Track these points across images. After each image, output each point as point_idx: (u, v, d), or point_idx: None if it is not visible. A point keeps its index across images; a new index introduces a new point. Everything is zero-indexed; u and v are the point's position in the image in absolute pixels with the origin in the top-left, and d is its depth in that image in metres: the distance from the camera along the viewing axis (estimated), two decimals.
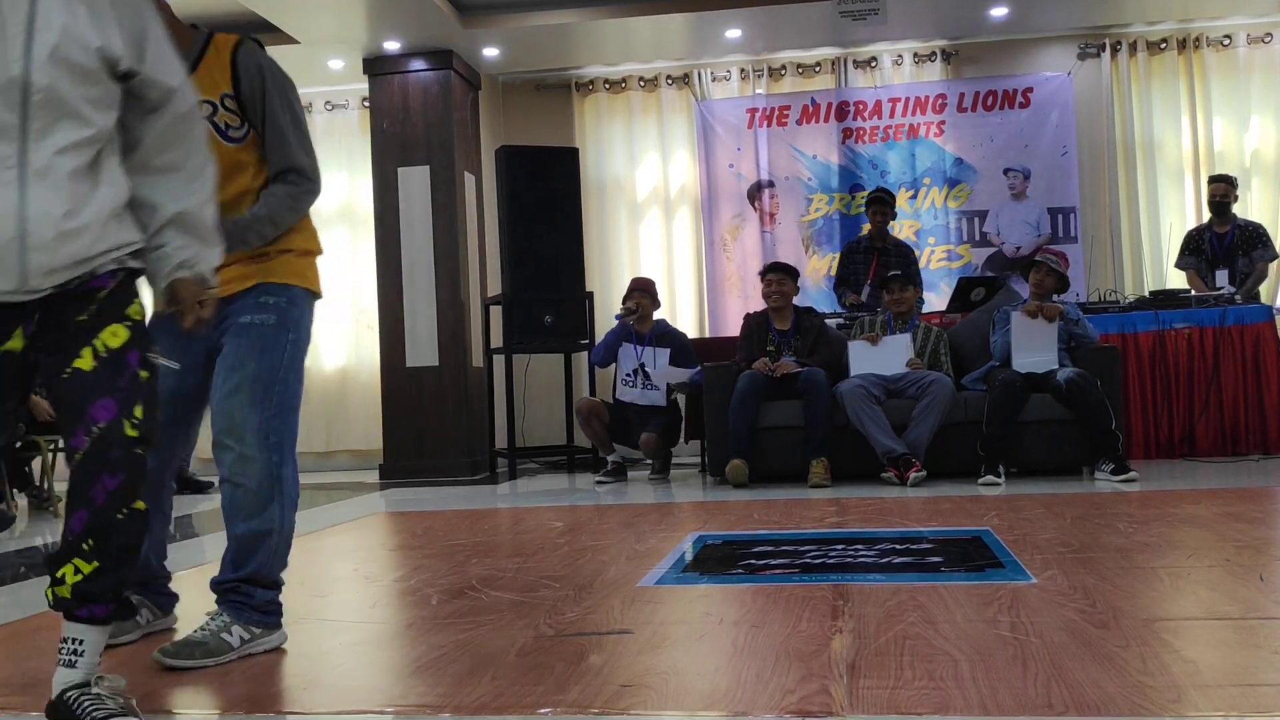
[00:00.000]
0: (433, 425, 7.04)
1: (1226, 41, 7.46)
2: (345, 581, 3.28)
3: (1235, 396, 5.92)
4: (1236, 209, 6.80)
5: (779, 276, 5.86)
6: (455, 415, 7.06)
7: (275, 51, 7.81)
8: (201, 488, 6.60)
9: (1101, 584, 2.59)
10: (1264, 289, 6.83)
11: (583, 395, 6.39)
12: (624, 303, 6.36)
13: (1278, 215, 7.33)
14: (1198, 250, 6.59)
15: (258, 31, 6.73)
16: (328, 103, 8.10)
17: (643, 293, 6.33)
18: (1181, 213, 7.43)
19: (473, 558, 3.43)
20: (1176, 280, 7.18)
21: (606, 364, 6.35)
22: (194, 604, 2.56)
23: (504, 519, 4.72)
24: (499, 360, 7.02)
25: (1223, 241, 6.51)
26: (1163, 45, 7.52)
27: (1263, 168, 7.40)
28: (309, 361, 8.63)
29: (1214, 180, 6.59)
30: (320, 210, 8.60)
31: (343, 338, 8.07)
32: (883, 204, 6.56)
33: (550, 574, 3.06)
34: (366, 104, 7.63)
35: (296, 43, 6.87)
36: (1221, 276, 6.38)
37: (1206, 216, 7.44)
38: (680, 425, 6.34)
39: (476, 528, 4.28)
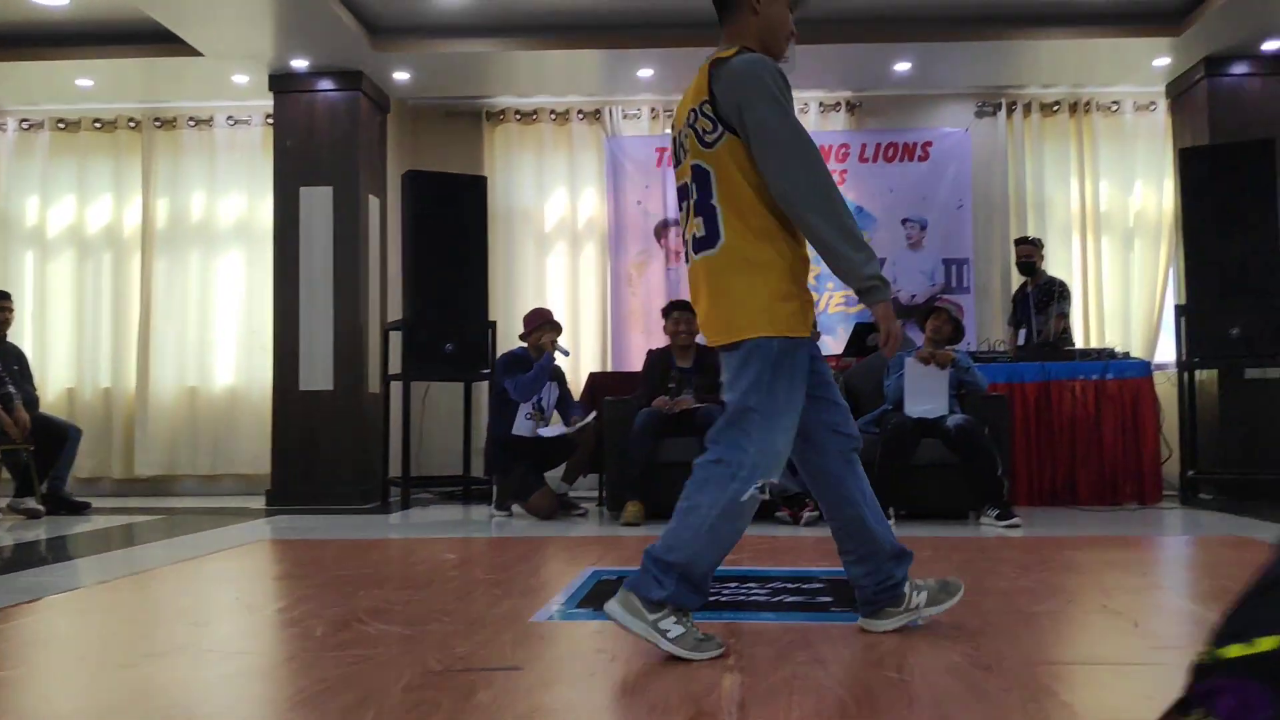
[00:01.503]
0: (324, 451, 6.88)
1: (1115, 107, 7.82)
2: (226, 610, 3.17)
3: (1114, 448, 6.14)
4: (1116, 266, 7.08)
5: (686, 315, 5.90)
6: (348, 441, 6.91)
7: (176, 64, 7.69)
8: (77, 509, 6.32)
9: (986, 627, 2.64)
10: (1141, 339, 7.11)
11: (539, 495, 5.85)
12: (528, 335, 6.23)
13: (1157, 275, 7.67)
14: (1014, 307, 6.91)
15: (159, 42, 6.60)
16: (229, 118, 7.93)
17: (553, 327, 6.25)
18: (1068, 269, 7.72)
19: (360, 589, 3.35)
20: None
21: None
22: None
23: (395, 550, 4.62)
24: (396, 387, 6.91)
25: (1028, 300, 6.80)
26: (1055, 107, 7.85)
27: (1145, 229, 7.74)
28: (196, 381, 8.34)
29: (1019, 242, 6.96)
30: (217, 227, 8.42)
31: (233, 357, 7.85)
32: None
33: (440, 607, 3.00)
34: (270, 121, 7.49)
35: (200, 55, 6.71)
36: (1023, 334, 6.68)
37: (1094, 273, 7.79)
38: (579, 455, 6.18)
39: (366, 558, 4.19)
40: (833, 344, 7.40)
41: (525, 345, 6.22)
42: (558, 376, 6.23)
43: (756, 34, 2.52)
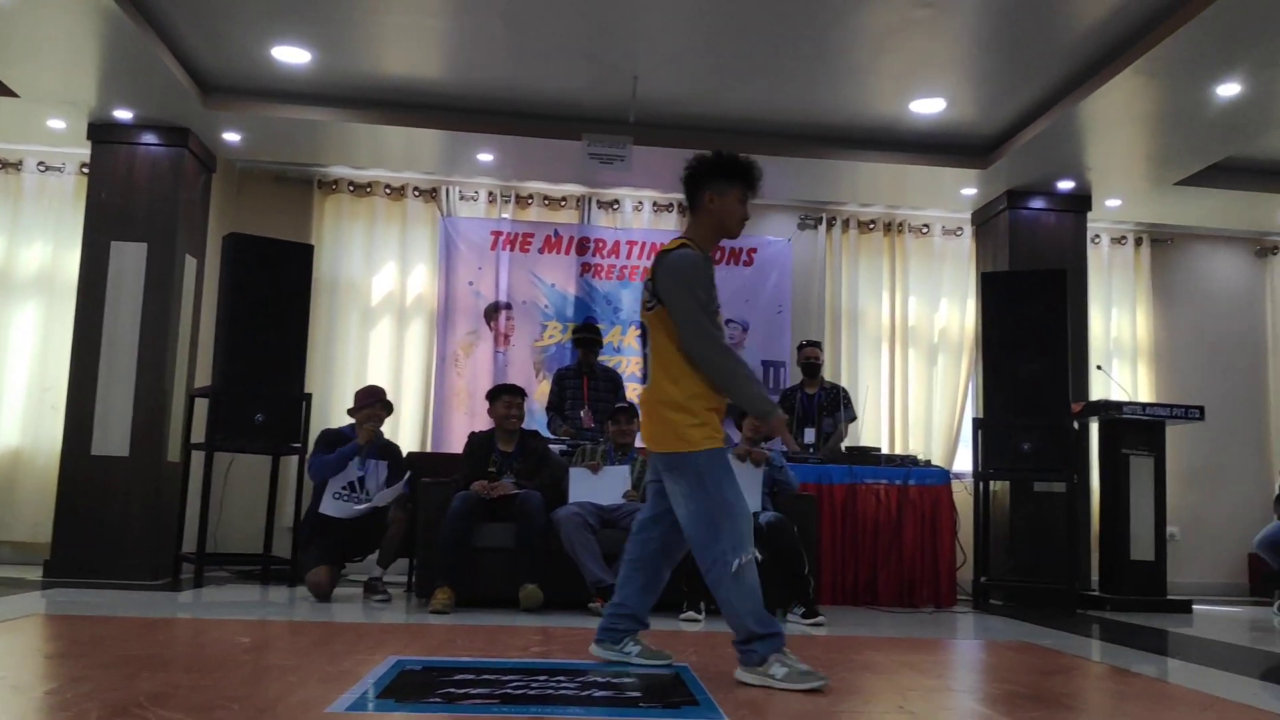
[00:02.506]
0: (114, 521, 6.44)
1: (925, 230, 8.35)
2: None
3: (914, 552, 6.40)
4: (920, 378, 7.43)
5: (516, 399, 5.86)
6: (141, 512, 6.50)
7: None
8: None
9: None
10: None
11: (315, 571, 5.65)
12: (358, 412, 6.04)
13: (958, 389, 8.14)
14: (790, 409, 7.09)
15: None
16: (41, 163, 7.52)
17: (383, 405, 6.11)
18: (877, 376, 8.11)
19: (143, 671, 3.12)
20: (869, 437, 7.79)
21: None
22: None
23: (183, 630, 4.35)
24: (199, 457, 6.57)
25: (812, 401, 7.09)
26: (871, 226, 8.31)
27: (948, 345, 8.23)
28: None
29: (805, 345, 7.17)
30: (15, 276, 7.93)
31: (20, 416, 7.31)
32: (591, 344, 6.80)
33: (229, 693, 2.83)
34: (85, 170, 7.14)
35: (14, 96, 6.37)
36: (809, 434, 6.92)
37: (901, 383, 8.18)
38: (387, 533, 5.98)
39: (151, 638, 3.92)
40: None
41: (353, 423, 6.06)
42: (389, 454, 6.06)
43: (715, 221, 3.51)
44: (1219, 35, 5.14)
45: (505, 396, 5.88)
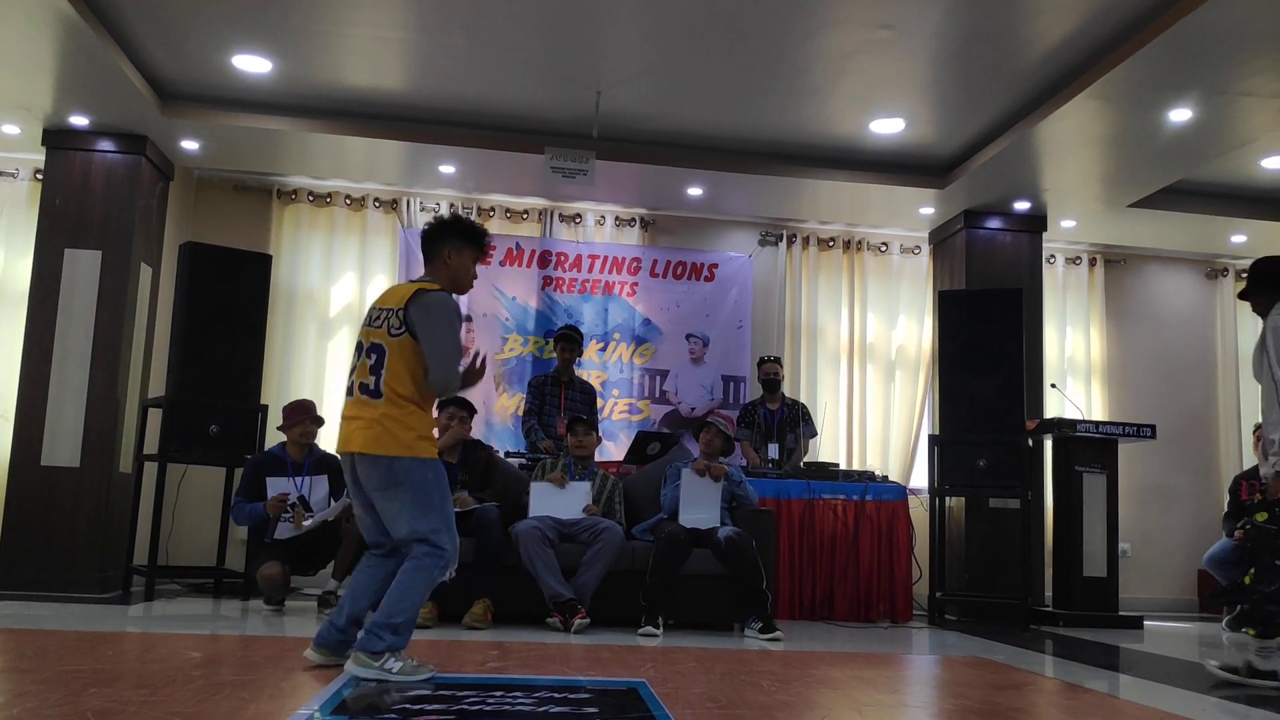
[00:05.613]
0: (62, 533, 6.33)
1: (884, 248, 8.42)
2: None
3: (870, 567, 6.44)
4: (878, 395, 7.49)
5: (462, 413, 5.82)
6: (91, 524, 6.39)
7: None
8: None
9: None
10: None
11: (268, 564, 5.65)
12: (289, 429, 5.98)
13: (915, 405, 8.21)
14: (752, 423, 7.15)
15: None
16: None
17: (314, 420, 6.07)
18: (836, 392, 8.17)
19: (90, 686, 3.07)
20: (827, 453, 7.84)
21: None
22: None
23: (133, 644, 4.27)
24: (151, 468, 6.48)
25: (774, 417, 7.15)
26: (831, 243, 8.38)
27: (905, 362, 8.30)
28: None
29: (766, 361, 7.25)
30: None
31: None
32: (571, 341, 6.79)
33: (179, 710, 2.78)
34: (40, 176, 7.03)
35: None
36: (773, 449, 6.97)
37: (859, 399, 8.23)
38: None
39: (99, 652, 3.85)
40: (614, 450, 7.49)
41: (282, 441, 5.99)
42: (326, 467, 6.00)
43: (448, 275, 3.77)
44: (1171, 62, 5.25)
45: (450, 408, 5.82)
